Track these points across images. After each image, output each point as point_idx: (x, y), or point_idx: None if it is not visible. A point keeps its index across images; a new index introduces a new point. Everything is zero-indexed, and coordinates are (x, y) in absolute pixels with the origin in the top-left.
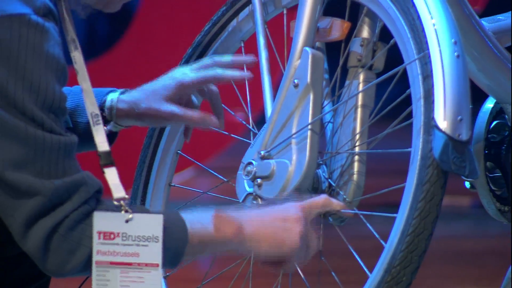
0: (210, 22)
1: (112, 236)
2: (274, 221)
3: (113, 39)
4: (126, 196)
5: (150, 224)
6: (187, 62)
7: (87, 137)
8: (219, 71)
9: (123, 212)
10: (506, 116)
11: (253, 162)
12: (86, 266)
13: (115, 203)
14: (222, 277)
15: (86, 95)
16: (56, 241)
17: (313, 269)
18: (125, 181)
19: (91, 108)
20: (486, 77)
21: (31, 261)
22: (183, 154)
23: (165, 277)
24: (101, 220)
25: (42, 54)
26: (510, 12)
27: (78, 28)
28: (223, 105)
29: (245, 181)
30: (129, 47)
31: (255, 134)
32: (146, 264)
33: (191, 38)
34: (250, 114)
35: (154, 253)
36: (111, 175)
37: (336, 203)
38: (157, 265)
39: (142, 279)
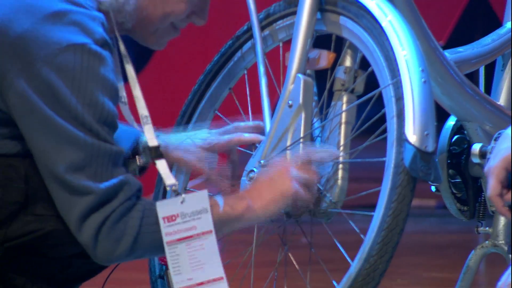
0: (219, 53)
1: (173, 217)
2: (266, 182)
3: (139, 68)
4: (176, 183)
5: (199, 200)
6: (200, 86)
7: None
8: (243, 135)
9: (177, 195)
10: (465, 132)
11: (254, 169)
12: (130, 253)
13: (167, 188)
14: (229, 266)
15: (137, 100)
16: (105, 232)
17: (304, 259)
18: (147, 186)
19: (142, 110)
20: (449, 99)
21: (81, 261)
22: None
23: None
24: (163, 207)
25: (99, 77)
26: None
27: None
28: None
29: (247, 185)
30: (152, 74)
31: (256, 147)
32: (203, 233)
33: (203, 66)
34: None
35: (207, 222)
36: (162, 166)
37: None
38: (211, 231)
39: (202, 245)
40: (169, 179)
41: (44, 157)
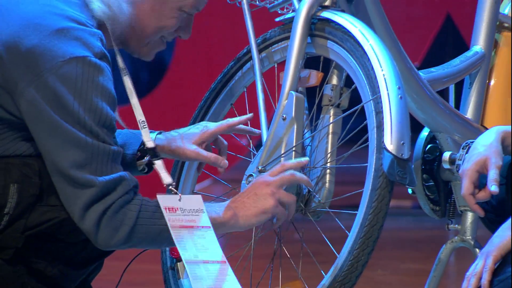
0: (222, 73)
1: (174, 209)
2: (251, 197)
3: (151, 86)
4: (173, 182)
5: (194, 202)
6: (205, 102)
7: (133, 165)
8: (230, 120)
9: (174, 194)
10: (437, 141)
11: (253, 174)
12: (126, 241)
13: (165, 187)
14: (231, 259)
15: (135, 108)
16: (105, 221)
17: (297, 252)
18: (162, 190)
19: (139, 116)
20: (423, 113)
21: (93, 246)
22: (203, 170)
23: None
24: (164, 200)
25: (98, 85)
26: None
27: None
28: (232, 134)
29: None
30: (163, 92)
31: (254, 154)
32: (203, 227)
33: (208, 84)
34: (251, 140)
35: (205, 219)
36: (159, 166)
37: (300, 177)
38: (209, 227)
39: (204, 235)
40: (166, 178)
41: (51, 156)
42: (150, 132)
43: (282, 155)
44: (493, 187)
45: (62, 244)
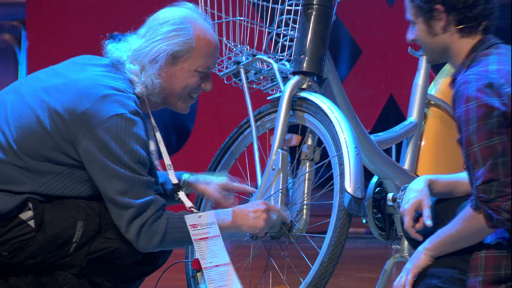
0: (228, 137)
1: (195, 225)
2: (249, 213)
3: (178, 147)
4: (193, 205)
5: (209, 217)
6: (216, 158)
7: (172, 198)
8: (245, 187)
9: (195, 213)
10: (384, 185)
11: None
12: (159, 245)
13: (188, 209)
14: (236, 270)
15: (164, 154)
16: (143, 232)
17: (282, 265)
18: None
19: (167, 161)
20: (373, 165)
21: (139, 267)
22: (215, 206)
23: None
24: (189, 219)
25: (132, 134)
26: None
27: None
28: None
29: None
30: (187, 151)
31: (251, 195)
32: (214, 236)
33: (220, 145)
34: (249, 184)
35: (215, 230)
36: (182, 195)
37: (283, 214)
38: (219, 235)
39: (215, 243)
40: (187, 203)
41: (102, 187)
42: (184, 172)
43: (272, 195)
44: (428, 222)
45: (115, 266)
